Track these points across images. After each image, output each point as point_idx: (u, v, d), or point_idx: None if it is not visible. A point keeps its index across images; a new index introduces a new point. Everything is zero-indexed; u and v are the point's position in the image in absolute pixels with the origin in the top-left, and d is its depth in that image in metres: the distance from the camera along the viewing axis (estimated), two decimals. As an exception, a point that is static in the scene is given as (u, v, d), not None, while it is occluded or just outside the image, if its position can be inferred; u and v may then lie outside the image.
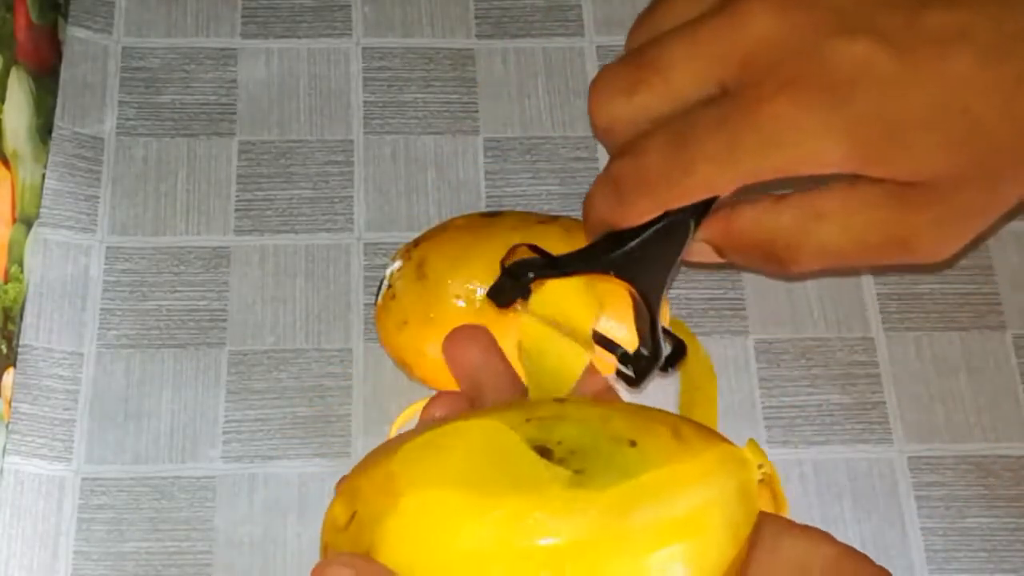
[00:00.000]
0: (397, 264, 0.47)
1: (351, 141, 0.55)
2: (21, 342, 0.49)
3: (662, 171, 0.39)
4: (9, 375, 0.48)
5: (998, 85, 0.36)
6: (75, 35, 0.56)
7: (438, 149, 0.55)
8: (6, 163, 0.49)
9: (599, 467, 0.32)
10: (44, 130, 0.53)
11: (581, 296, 0.41)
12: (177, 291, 0.51)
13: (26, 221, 0.51)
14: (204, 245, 0.52)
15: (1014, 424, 0.50)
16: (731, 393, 0.50)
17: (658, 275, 0.41)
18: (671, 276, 0.41)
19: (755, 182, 0.39)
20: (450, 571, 0.32)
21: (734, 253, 0.41)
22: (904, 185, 0.38)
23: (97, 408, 0.49)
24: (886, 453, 0.49)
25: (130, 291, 0.51)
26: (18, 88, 0.50)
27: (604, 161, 0.53)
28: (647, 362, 0.41)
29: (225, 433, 0.49)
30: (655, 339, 0.41)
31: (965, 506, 0.48)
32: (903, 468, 0.49)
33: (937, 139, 0.37)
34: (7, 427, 0.47)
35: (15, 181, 0.50)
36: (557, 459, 0.32)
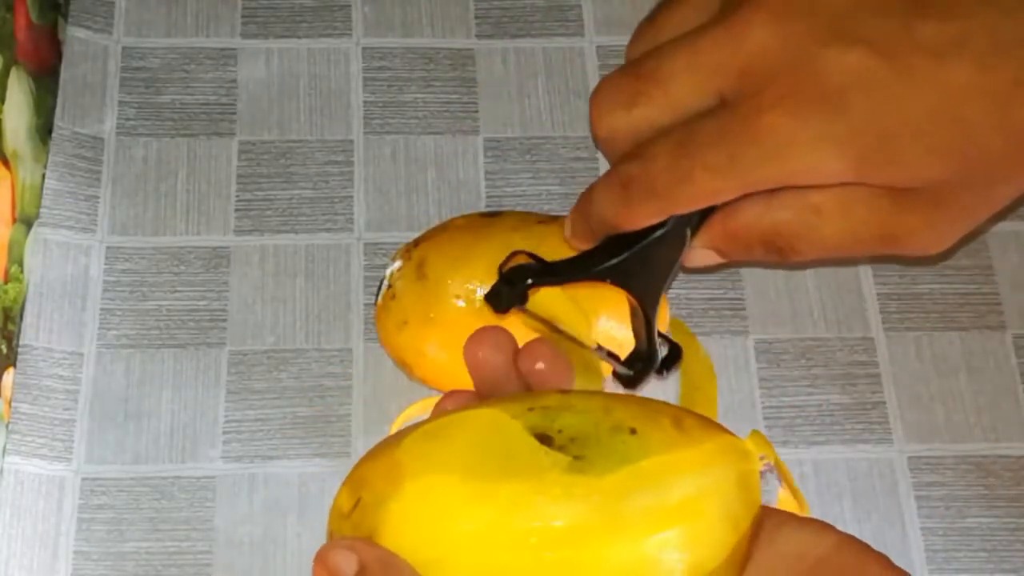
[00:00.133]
0: (397, 264, 0.47)
1: (351, 141, 0.55)
2: (21, 342, 0.49)
3: (670, 177, 0.39)
4: (9, 375, 0.48)
5: (994, 92, 0.36)
6: (75, 35, 0.56)
7: (438, 149, 0.55)
8: (6, 163, 0.49)
9: (599, 454, 0.32)
10: (44, 130, 0.53)
11: (578, 300, 0.41)
12: (177, 291, 0.51)
13: (26, 221, 0.51)
14: (204, 245, 0.52)
15: (1014, 424, 0.50)
16: (731, 393, 0.50)
17: (654, 282, 0.41)
18: (667, 283, 0.42)
19: (758, 191, 0.39)
20: (451, 554, 0.32)
21: (736, 251, 0.42)
22: (899, 190, 0.38)
23: (97, 408, 0.49)
24: (886, 453, 0.49)
25: (130, 291, 0.51)
26: (18, 88, 0.50)
27: (604, 161, 0.53)
28: (643, 365, 0.42)
29: (225, 433, 0.49)
30: (651, 343, 0.41)
31: (965, 506, 0.48)
32: (903, 468, 0.49)
33: (932, 147, 0.37)
34: (7, 427, 0.47)
35: (15, 181, 0.50)
36: (557, 446, 0.33)
